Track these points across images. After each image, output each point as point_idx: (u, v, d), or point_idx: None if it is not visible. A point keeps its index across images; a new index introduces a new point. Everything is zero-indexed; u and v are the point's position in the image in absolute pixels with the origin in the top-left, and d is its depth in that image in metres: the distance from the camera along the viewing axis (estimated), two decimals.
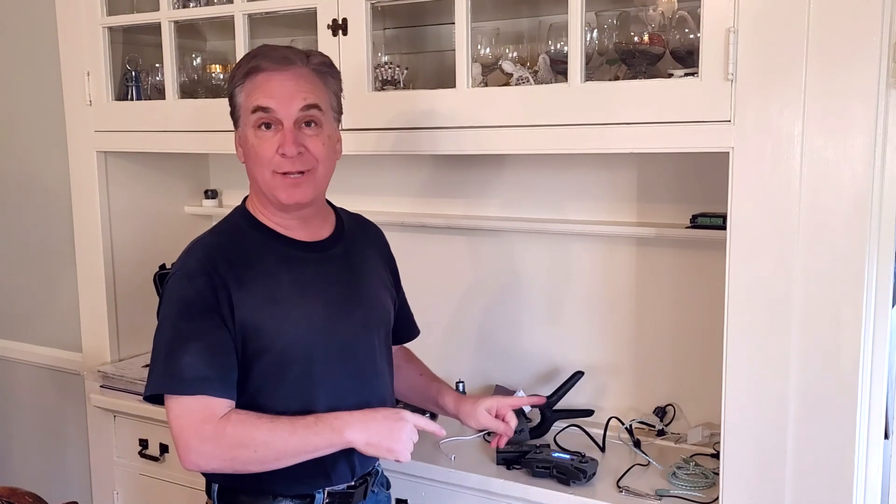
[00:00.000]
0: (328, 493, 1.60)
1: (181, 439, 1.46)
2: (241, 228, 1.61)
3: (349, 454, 1.59)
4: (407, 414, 1.55)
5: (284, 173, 1.54)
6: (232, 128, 1.64)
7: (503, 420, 1.76)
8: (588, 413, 2.12)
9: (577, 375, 2.10)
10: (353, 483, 1.63)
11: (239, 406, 1.51)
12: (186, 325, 1.49)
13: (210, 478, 1.62)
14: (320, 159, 1.56)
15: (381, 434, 1.50)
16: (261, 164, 1.54)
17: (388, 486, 1.80)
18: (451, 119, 1.91)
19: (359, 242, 1.73)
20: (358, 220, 1.81)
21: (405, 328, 1.88)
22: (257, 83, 1.53)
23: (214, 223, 2.78)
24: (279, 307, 1.55)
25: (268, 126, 1.53)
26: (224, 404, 1.48)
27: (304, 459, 1.49)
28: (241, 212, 1.64)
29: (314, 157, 1.55)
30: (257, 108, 1.53)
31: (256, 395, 1.54)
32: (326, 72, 1.59)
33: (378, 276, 1.74)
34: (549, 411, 2.10)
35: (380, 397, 1.65)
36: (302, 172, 1.54)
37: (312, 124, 1.55)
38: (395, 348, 1.82)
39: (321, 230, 1.66)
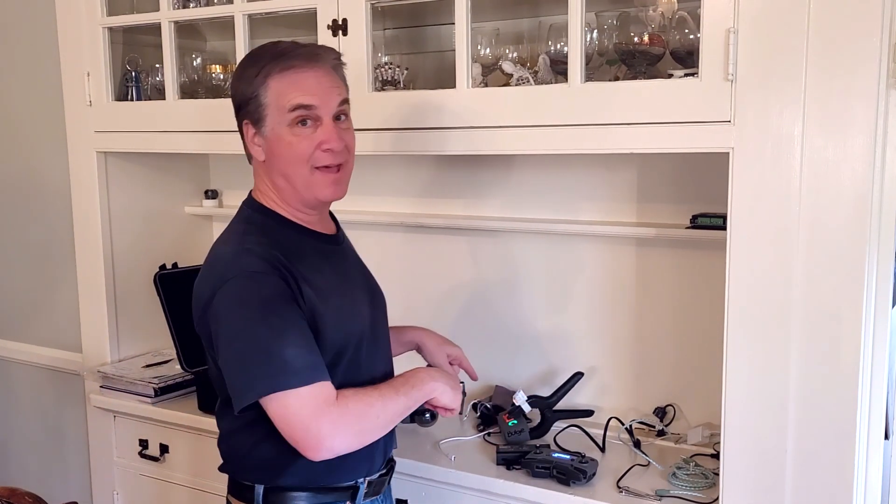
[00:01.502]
0: (368, 481, 1.64)
1: (311, 430, 1.43)
2: (273, 227, 1.58)
3: (385, 442, 1.65)
4: (457, 379, 1.71)
5: (325, 168, 1.55)
6: (232, 128, 1.63)
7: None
8: (588, 413, 2.12)
9: (577, 376, 2.10)
10: (383, 470, 1.70)
11: None
12: (278, 319, 1.45)
13: (254, 479, 1.59)
14: (352, 152, 1.60)
15: (448, 389, 1.63)
16: (298, 161, 1.54)
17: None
18: (451, 119, 1.91)
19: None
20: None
21: None
22: (291, 81, 1.52)
23: (215, 223, 2.83)
24: (331, 299, 1.56)
25: (303, 123, 1.53)
26: (333, 387, 1.48)
27: (404, 417, 1.60)
28: (262, 210, 1.61)
29: (348, 149, 1.58)
30: (298, 107, 1.51)
31: None
32: (342, 66, 1.61)
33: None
34: (549, 412, 2.10)
35: (391, 373, 1.73)
36: (339, 166, 1.57)
37: (342, 117, 1.58)
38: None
39: (330, 224, 1.70)
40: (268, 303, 1.46)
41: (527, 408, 2.07)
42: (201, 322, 1.55)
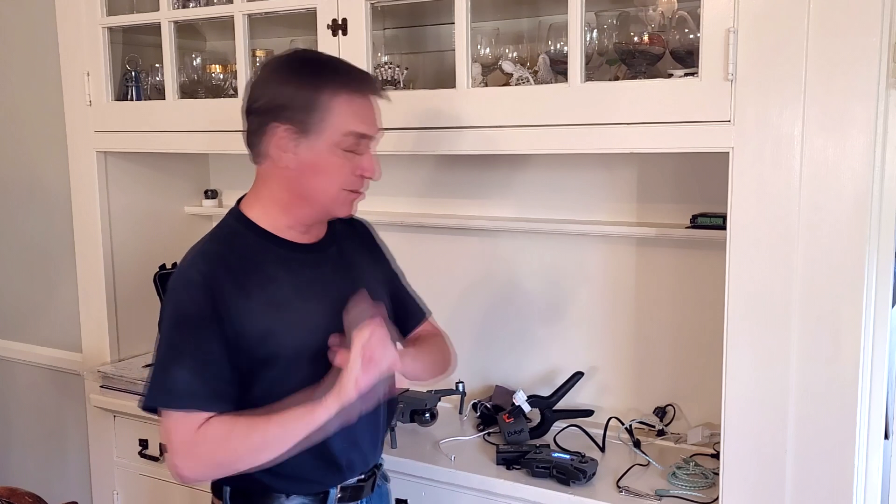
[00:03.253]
0: (341, 487, 1.62)
1: (170, 453, 1.48)
2: (237, 233, 1.58)
3: (360, 447, 1.61)
4: (358, 338, 1.47)
5: (354, 191, 1.58)
6: (232, 128, 1.63)
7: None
8: (588, 413, 2.12)
9: (577, 376, 2.10)
10: (362, 476, 1.65)
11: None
12: (181, 337, 1.49)
13: (220, 480, 1.60)
14: None
15: (361, 365, 1.44)
16: (333, 180, 1.54)
17: (388, 480, 1.79)
18: (451, 119, 1.91)
19: (350, 241, 1.73)
20: (344, 219, 1.76)
21: (408, 314, 1.80)
22: (359, 107, 1.54)
23: (215, 223, 2.82)
24: (282, 311, 1.54)
25: (352, 148, 1.55)
26: (206, 417, 1.47)
27: (291, 445, 1.46)
28: (236, 215, 1.60)
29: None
30: (356, 134, 1.53)
31: (262, 402, 1.50)
32: None
33: (372, 272, 1.73)
34: (549, 411, 2.10)
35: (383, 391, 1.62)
36: (363, 190, 1.61)
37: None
38: (415, 336, 1.78)
39: (319, 232, 1.66)
40: (180, 319, 1.49)
41: (527, 408, 2.07)
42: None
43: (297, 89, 1.51)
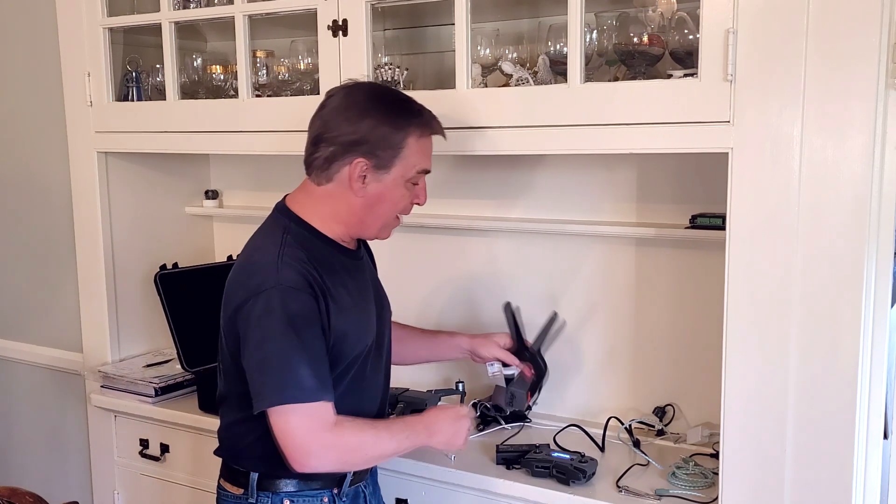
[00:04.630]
0: (354, 471, 1.72)
1: (303, 445, 1.54)
2: (308, 239, 1.66)
3: None
4: (463, 411, 1.77)
5: (399, 217, 1.72)
6: (232, 129, 1.64)
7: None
8: (553, 319, 2.07)
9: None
10: None
11: None
12: (297, 336, 1.54)
13: (250, 467, 1.68)
14: None
15: (449, 434, 1.73)
16: (394, 210, 1.69)
17: None
18: (451, 120, 1.91)
19: (365, 246, 1.85)
20: None
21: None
22: (427, 146, 1.69)
23: (215, 224, 2.83)
24: (352, 313, 1.66)
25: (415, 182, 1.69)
26: (332, 409, 1.57)
27: (388, 459, 1.74)
28: (299, 221, 1.67)
29: None
30: (424, 171, 1.69)
31: None
32: None
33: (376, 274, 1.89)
34: (539, 357, 2.05)
35: (389, 387, 1.85)
36: None
37: None
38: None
39: (353, 240, 1.77)
40: (294, 319, 1.54)
41: (507, 373, 2.04)
42: (230, 320, 1.61)
43: (384, 127, 1.61)
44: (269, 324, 1.54)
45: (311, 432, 1.54)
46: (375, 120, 1.61)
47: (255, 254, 1.66)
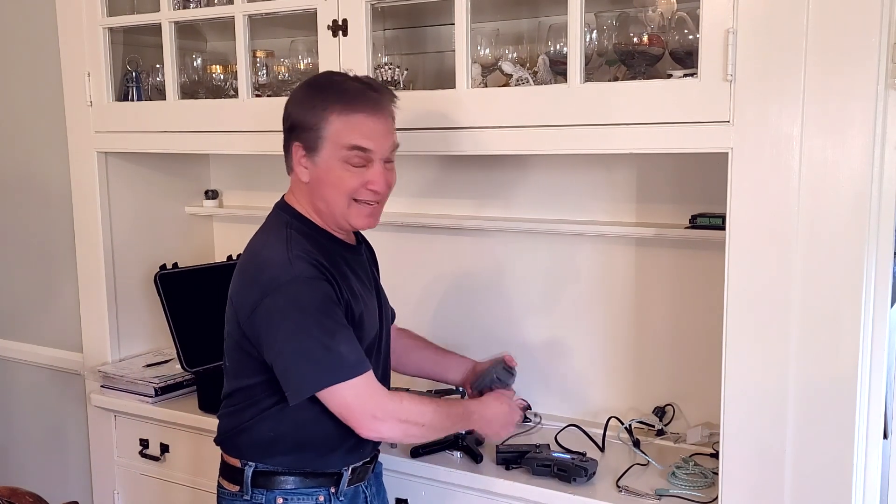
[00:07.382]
0: (352, 468, 1.73)
1: (369, 411, 1.59)
2: (310, 235, 1.68)
3: None
4: (520, 404, 1.86)
5: (362, 201, 1.66)
6: (232, 129, 1.64)
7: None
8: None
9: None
10: (367, 459, 1.78)
11: None
12: (329, 321, 1.58)
13: (246, 457, 1.69)
14: (391, 188, 1.71)
15: (499, 425, 1.79)
16: (342, 192, 1.65)
17: (381, 463, 1.91)
18: (451, 120, 1.92)
19: (366, 246, 1.86)
20: None
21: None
22: (356, 123, 1.62)
23: (215, 224, 2.83)
24: (361, 300, 1.69)
25: (355, 161, 1.64)
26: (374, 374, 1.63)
27: (440, 437, 1.85)
28: (299, 217, 1.70)
29: (389, 188, 1.70)
30: (355, 147, 1.62)
31: None
32: (396, 108, 1.71)
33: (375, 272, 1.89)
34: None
35: (388, 383, 1.84)
36: (377, 201, 1.69)
37: (389, 160, 1.70)
38: (397, 329, 2.00)
39: (352, 235, 1.79)
40: (320, 306, 1.58)
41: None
42: (247, 320, 1.62)
43: (304, 111, 1.65)
44: (296, 314, 1.57)
45: (371, 398, 1.59)
46: (297, 103, 1.67)
47: (262, 250, 1.67)
